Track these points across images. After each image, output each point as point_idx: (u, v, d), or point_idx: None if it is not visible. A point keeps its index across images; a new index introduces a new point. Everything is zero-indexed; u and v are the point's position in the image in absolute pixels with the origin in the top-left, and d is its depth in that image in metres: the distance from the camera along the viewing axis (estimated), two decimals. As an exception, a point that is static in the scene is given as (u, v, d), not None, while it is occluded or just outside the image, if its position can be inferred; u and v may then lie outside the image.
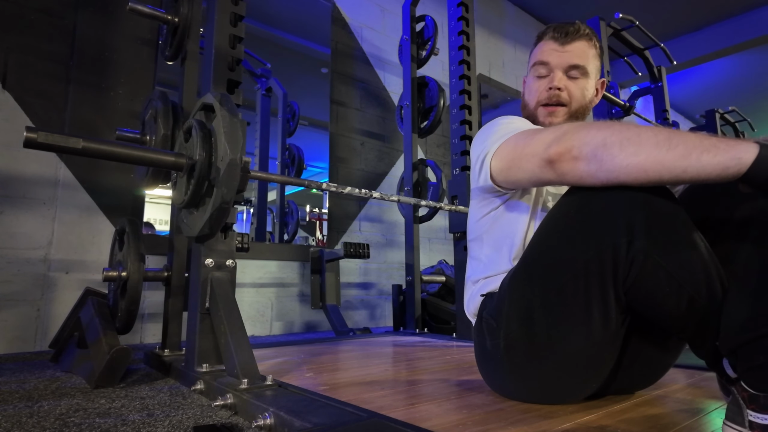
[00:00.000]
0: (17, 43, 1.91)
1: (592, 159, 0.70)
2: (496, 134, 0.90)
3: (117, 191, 2.08)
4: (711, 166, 0.62)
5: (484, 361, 0.96)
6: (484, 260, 1.00)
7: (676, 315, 0.71)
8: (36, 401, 1.08)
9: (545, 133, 0.79)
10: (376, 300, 3.10)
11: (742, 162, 0.60)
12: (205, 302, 1.21)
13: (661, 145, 0.65)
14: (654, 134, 0.67)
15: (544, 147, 0.76)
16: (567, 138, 0.73)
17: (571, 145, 0.72)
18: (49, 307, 1.87)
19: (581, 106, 0.99)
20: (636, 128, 0.69)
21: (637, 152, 0.67)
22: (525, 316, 0.82)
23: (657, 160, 0.65)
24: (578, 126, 0.75)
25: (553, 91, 0.97)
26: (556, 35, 0.98)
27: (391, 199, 1.87)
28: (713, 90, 6.70)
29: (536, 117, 1.00)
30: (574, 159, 0.72)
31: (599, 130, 0.71)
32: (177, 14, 1.58)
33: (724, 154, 0.61)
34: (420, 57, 2.67)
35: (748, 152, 0.60)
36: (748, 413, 0.63)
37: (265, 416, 0.84)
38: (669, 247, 0.69)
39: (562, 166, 0.74)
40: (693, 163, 0.63)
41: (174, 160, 1.17)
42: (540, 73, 1.00)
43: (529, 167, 0.79)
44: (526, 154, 0.80)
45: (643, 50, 3.07)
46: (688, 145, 0.63)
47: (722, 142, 0.63)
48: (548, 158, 0.75)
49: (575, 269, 0.75)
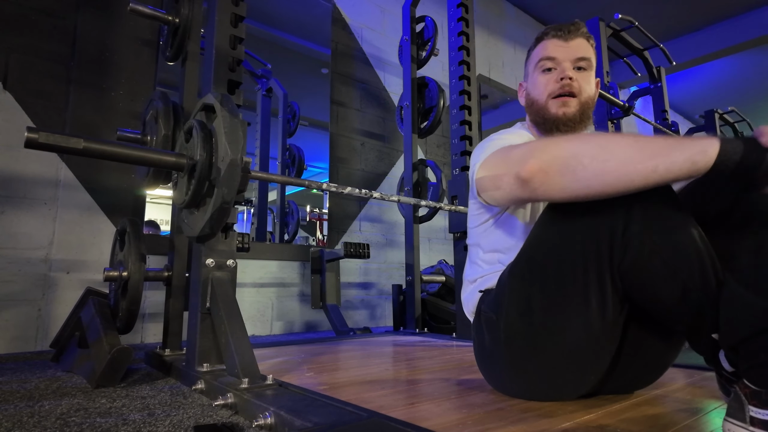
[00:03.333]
0: (18, 44, 1.92)
1: (565, 172, 0.71)
2: (487, 151, 0.91)
3: (118, 191, 2.08)
4: (680, 162, 0.65)
5: (484, 357, 0.96)
6: (483, 265, 1.02)
7: (670, 303, 0.72)
8: (37, 401, 1.08)
9: (517, 150, 0.80)
10: (376, 300, 3.10)
11: (708, 154, 0.64)
12: (205, 302, 1.21)
13: (630, 147, 0.67)
14: (621, 138, 0.69)
15: (516, 166, 0.77)
16: (537, 154, 0.74)
17: (542, 160, 0.73)
18: (50, 307, 1.87)
19: (589, 97, 1.00)
20: (603, 136, 0.70)
21: (607, 159, 0.68)
22: (524, 305, 0.83)
23: (627, 162, 0.67)
24: (546, 142, 0.76)
25: (565, 81, 0.97)
26: (559, 33, 1.00)
27: (391, 199, 1.87)
28: (712, 90, 6.70)
29: (548, 110, 1.00)
30: (545, 174, 0.72)
31: (568, 142, 0.72)
32: (178, 15, 1.59)
33: (691, 149, 0.64)
34: (420, 57, 2.67)
35: (712, 145, 0.64)
36: (749, 409, 0.63)
37: (265, 416, 0.85)
38: (663, 232, 0.70)
39: (535, 183, 0.74)
40: (662, 160, 0.65)
41: (175, 161, 1.18)
42: (547, 68, 1.00)
43: (506, 187, 0.80)
44: (501, 174, 0.81)
45: (643, 51, 3.07)
46: (656, 146, 0.66)
47: (686, 139, 0.66)
48: (521, 177, 0.75)
49: (573, 255, 0.77)
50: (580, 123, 1.00)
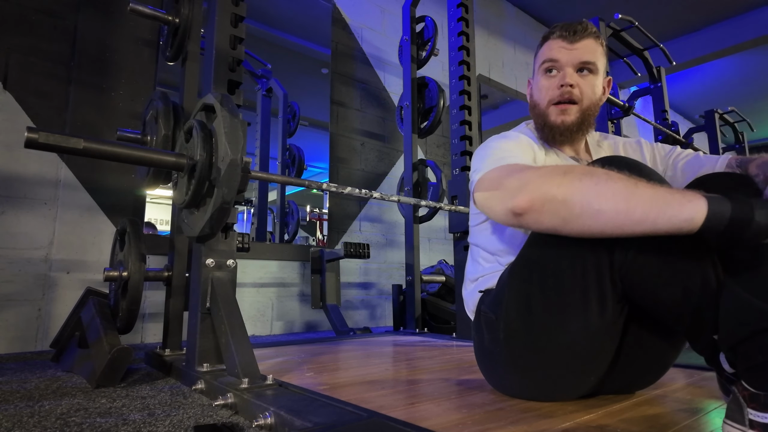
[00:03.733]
0: (18, 44, 1.92)
1: (555, 216, 0.71)
2: (488, 160, 0.89)
3: (118, 191, 2.08)
4: (665, 228, 0.64)
5: (484, 356, 0.96)
6: (483, 263, 1.03)
7: (670, 304, 0.72)
8: (37, 401, 1.08)
9: (511, 180, 0.79)
10: (377, 300, 3.10)
11: (693, 222, 0.62)
12: (205, 302, 1.22)
13: (620, 210, 0.65)
14: (613, 195, 0.66)
15: (509, 199, 0.76)
16: (530, 189, 0.74)
17: (533, 199, 0.73)
18: (50, 307, 1.87)
19: (592, 103, 0.99)
20: (597, 181, 0.68)
21: (598, 211, 0.67)
22: (524, 305, 0.83)
23: (618, 215, 0.66)
24: (541, 175, 0.74)
25: (565, 89, 0.96)
26: (565, 33, 0.97)
27: (391, 199, 1.87)
28: (712, 90, 6.71)
29: (547, 116, 0.99)
30: (537, 213, 0.73)
31: (561, 183, 0.70)
32: (178, 15, 1.59)
33: (678, 216, 0.62)
34: (420, 57, 2.67)
35: (698, 212, 0.62)
36: (748, 412, 0.63)
37: (265, 416, 0.85)
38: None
39: (527, 219, 0.75)
40: (649, 226, 0.64)
41: (175, 161, 1.18)
42: (550, 72, 0.99)
43: (499, 214, 0.80)
44: (494, 203, 0.81)
45: (643, 51, 3.07)
46: (645, 208, 0.64)
47: (675, 201, 0.63)
48: (513, 210, 0.76)
49: (572, 256, 0.77)
50: (579, 130, 1.00)
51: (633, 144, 1.08)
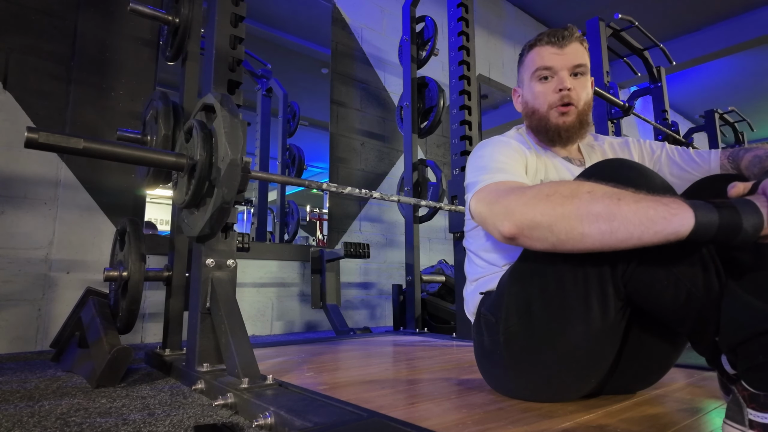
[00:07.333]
0: (18, 44, 1.92)
1: (544, 241, 0.73)
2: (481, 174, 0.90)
3: (118, 191, 2.08)
4: (652, 242, 0.64)
5: (484, 358, 0.96)
6: (480, 264, 1.03)
7: (674, 308, 0.72)
8: (37, 401, 1.08)
9: (497, 207, 0.80)
10: (377, 300, 3.10)
11: (680, 235, 0.63)
12: (205, 302, 1.22)
13: (604, 232, 0.66)
14: (596, 218, 0.67)
15: (498, 223, 0.78)
16: (518, 213, 0.75)
17: (521, 224, 0.74)
18: (50, 307, 1.87)
19: (586, 103, 1.02)
20: (576, 211, 0.68)
21: (582, 239, 0.68)
22: (524, 309, 0.83)
23: (603, 236, 0.67)
24: (527, 198, 0.75)
25: (564, 92, 0.99)
26: (554, 39, 1.00)
27: (391, 199, 1.87)
28: (712, 90, 6.71)
29: (549, 120, 1.02)
30: (526, 237, 0.74)
31: (543, 215, 0.71)
32: (178, 15, 1.59)
33: (663, 231, 0.63)
34: (420, 57, 2.67)
35: (684, 225, 0.62)
36: (748, 412, 0.63)
37: (265, 415, 0.85)
38: None
39: (518, 242, 0.77)
40: (635, 242, 0.65)
41: (175, 161, 1.18)
42: (544, 78, 1.01)
43: (494, 234, 0.81)
44: (488, 220, 0.82)
45: (643, 50, 3.07)
46: (630, 227, 0.64)
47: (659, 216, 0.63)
48: (505, 234, 0.77)
49: (574, 260, 0.76)
50: (580, 129, 1.03)
51: (621, 143, 1.10)
